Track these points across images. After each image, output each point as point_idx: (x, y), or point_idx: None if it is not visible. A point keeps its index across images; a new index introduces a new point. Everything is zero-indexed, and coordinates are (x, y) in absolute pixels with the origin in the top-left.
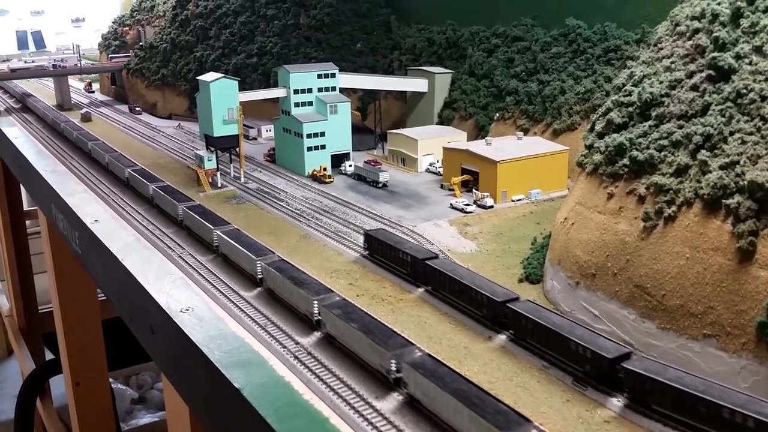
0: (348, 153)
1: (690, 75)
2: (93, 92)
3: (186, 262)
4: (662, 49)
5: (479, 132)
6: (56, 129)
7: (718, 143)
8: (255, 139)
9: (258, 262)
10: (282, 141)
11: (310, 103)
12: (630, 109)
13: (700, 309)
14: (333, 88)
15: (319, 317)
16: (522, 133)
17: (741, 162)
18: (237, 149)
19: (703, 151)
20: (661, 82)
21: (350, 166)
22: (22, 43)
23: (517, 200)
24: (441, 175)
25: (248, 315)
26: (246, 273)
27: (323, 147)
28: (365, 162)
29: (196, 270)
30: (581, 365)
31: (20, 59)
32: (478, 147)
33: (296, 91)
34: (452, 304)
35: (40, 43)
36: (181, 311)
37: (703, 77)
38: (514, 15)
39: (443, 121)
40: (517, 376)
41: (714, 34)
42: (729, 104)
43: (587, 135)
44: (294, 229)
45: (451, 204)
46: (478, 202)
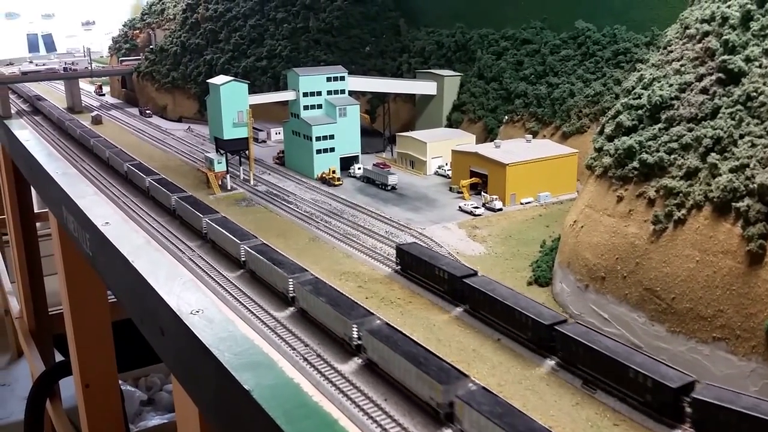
0: (357, 156)
1: (700, 78)
2: (103, 95)
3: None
4: (672, 52)
5: (488, 135)
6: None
7: (728, 146)
8: (264, 142)
9: (242, 246)
10: (291, 144)
11: (320, 106)
12: (639, 112)
13: (710, 312)
14: (342, 91)
15: (294, 294)
16: (531, 136)
17: (751, 165)
18: (246, 152)
19: (713, 154)
20: (671, 85)
21: (359, 169)
22: (33, 46)
23: (526, 203)
24: (450, 178)
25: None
26: (231, 256)
27: (332, 150)
28: (374, 165)
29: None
30: (640, 394)
31: (31, 62)
32: (487, 150)
33: (305, 94)
34: (493, 326)
35: (51, 46)
36: (191, 313)
37: (713, 80)
38: (523, 18)
39: (452, 124)
40: (526, 379)
41: (724, 37)
42: (739, 107)
43: (596, 138)
44: (303, 232)
45: (460, 207)
46: (487, 205)
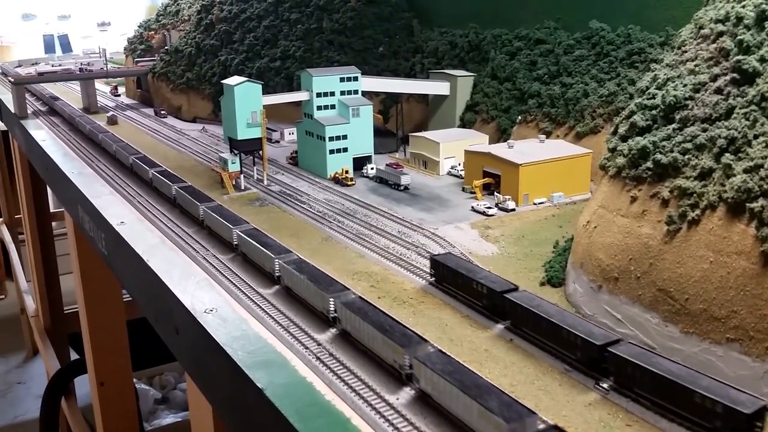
0: (370, 156)
1: (714, 78)
2: (119, 96)
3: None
4: (686, 52)
5: (501, 135)
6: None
7: (742, 146)
8: (278, 142)
9: (234, 230)
10: (304, 144)
11: (333, 107)
12: (654, 112)
13: (724, 313)
14: (355, 92)
15: (279, 273)
16: (544, 136)
17: (765, 165)
18: (260, 152)
19: (727, 155)
20: (685, 85)
21: (372, 169)
22: (49, 47)
23: (539, 203)
24: (462, 178)
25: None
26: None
27: (345, 150)
28: (387, 165)
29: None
30: (709, 420)
31: (47, 62)
32: (500, 150)
33: (319, 95)
34: (537, 344)
35: (67, 47)
36: (205, 312)
37: (728, 80)
38: (537, 18)
39: (465, 124)
40: (539, 380)
41: (738, 37)
42: (753, 107)
43: (610, 138)
44: (316, 232)
45: (473, 207)
46: (500, 205)
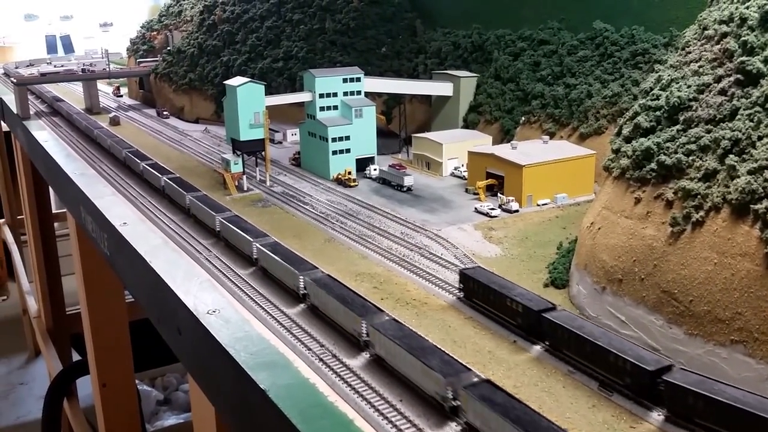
0: (373, 157)
1: (718, 79)
2: (121, 96)
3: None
4: (690, 53)
5: (505, 136)
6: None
7: (747, 148)
8: (280, 143)
9: (217, 217)
10: (307, 145)
11: (336, 107)
12: (658, 113)
13: (728, 315)
14: (358, 92)
15: (257, 256)
16: (548, 137)
17: None
18: (263, 153)
19: (732, 156)
20: (689, 87)
21: (375, 170)
22: (51, 48)
23: (543, 205)
24: (466, 179)
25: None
26: (208, 226)
27: (348, 151)
28: (390, 166)
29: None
30: None
31: (49, 63)
32: (504, 151)
33: (321, 95)
34: (581, 369)
35: (69, 48)
36: (208, 313)
37: (732, 81)
38: (541, 18)
39: (468, 125)
40: (543, 381)
41: (742, 38)
42: (757, 109)
43: (614, 139)
44: (319, 233)
45: (476, 208)
46: (503, 207)
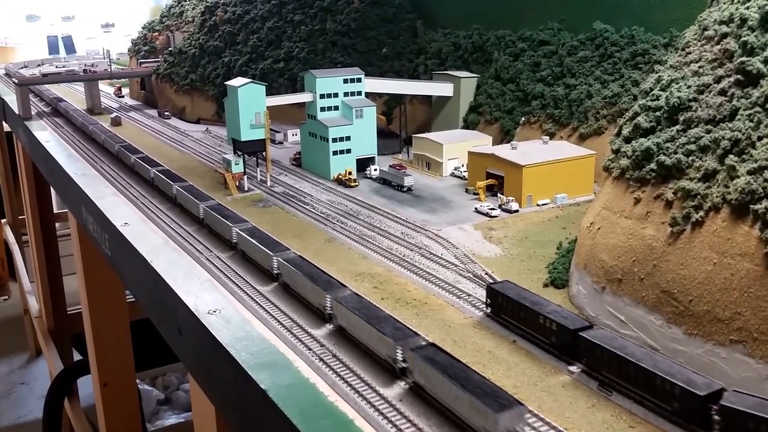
0: (373, 157)
1: (718, 80)
2: (123, 97)
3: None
4: (690, 54)
5: (505, 136)
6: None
7: (746, 148)
8: (281, 143)
9: (201, 205)
10: (308, 145)
11: (336, 108)
12: (657, 114)
13: (727, 315)
14: (359, 93)
15: (236, 240)
16: (548, 138)
17: None
18: (264, 153)
19: (731, 156)
20: (689, 87)
21: (375, 170)
22: (53, 48)
23: (543, 205)
24: (466, 180)
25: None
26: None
27: (348, 151)
28: (390, 166)
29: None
30: None
31: (51, 64)
32: (504, 151)
33: (322, 96)
34: (622, 392)
35: (71, 48)
36: (209, 313)
37: (732, 82)
38: (541, 19)
39: (468, 126)
40: (542, 381)
41: (742, 39)
42: (757, 109)
43: (614, 139)
44: (319, 233)
45: (476, 208)
46: (503, 207)
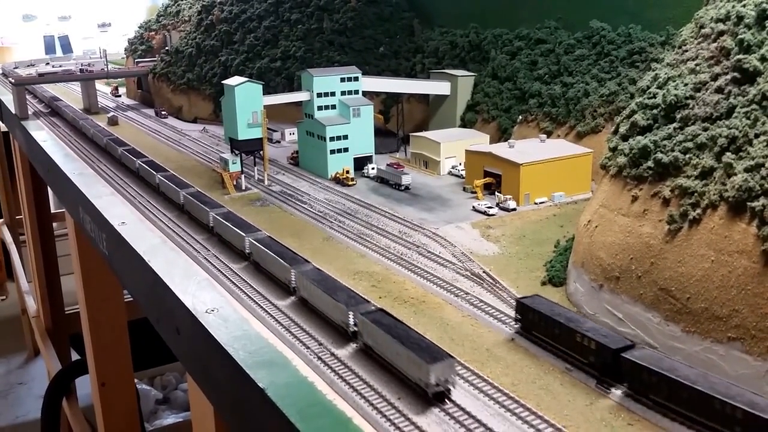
0: (371, 156)
1: (715, 77)
2: (119, 96)
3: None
4: (687, 52)
5: (502, 135)
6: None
7: (743, 146)
8: (278, 143)
9: (181, 192)
10: (305, 144)
11: (333, 107)
12: (654, 112)
13: (725, 312)
14: (356, 92)
15: (212, 224)
16: (545, 136)
17: (766, 164)
18: (261, 152)
19: (728, 154)
20: (686, 85)
21: (373, 169)
22: (50, 48)
23: (540, 203)
24: (463, 178)
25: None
26: (174, 201)
27: (346, 150)
28: (388, 165)
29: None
30: None
31: (47, 63)
32: (501, 150)
33: (319, 95)
34: (674, 418)
35: (67, 48)
36: (207, 312)
37: (728, 79)
38: (538, 17)
39: (466, 124)
40: (540, 379)
41: (739, 37)
42: (754, 106)
43: (611, 137)
44: (317, 231)
45: (474, 207)
46: (501, 205)
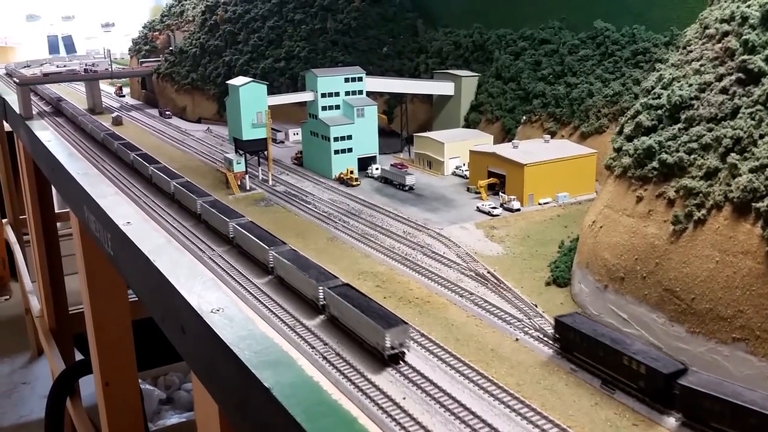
0: (374, 156)
1: (719, 78)
2: (124, 96)
3: None
4: (691, 52)
5: (506, 135)
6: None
7: (748, 146)
8: (283, 143)
9: (171, 183)
10: (309, 144)
11: (338, 107)
12: (659, 112)
13: (730, 313)
14: (360, 92)
15: (200, 211)
16: (549, 136)
17: None
18: (265, 152)
19: (733, 155)
20: (691, 85)
21: (377, 169)
22: (54, 48)
23: (545, 203)
24: (467, 179)
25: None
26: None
27: (350, 150)
28: (391, 165)
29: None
30: None
31: (52, 63)
32: (505, 150)
33: (324, 95)
34: None
35: (71, 48)
36: (212, 312)
37: (733, 80)
38: (542, 18)
39: (469, 125)
40: (545, 379)
41: (744, 37)
42: (759, 107)
43: (615, 138)
44: (321, 232)
45: (478, 207)
46: (505, 206)
